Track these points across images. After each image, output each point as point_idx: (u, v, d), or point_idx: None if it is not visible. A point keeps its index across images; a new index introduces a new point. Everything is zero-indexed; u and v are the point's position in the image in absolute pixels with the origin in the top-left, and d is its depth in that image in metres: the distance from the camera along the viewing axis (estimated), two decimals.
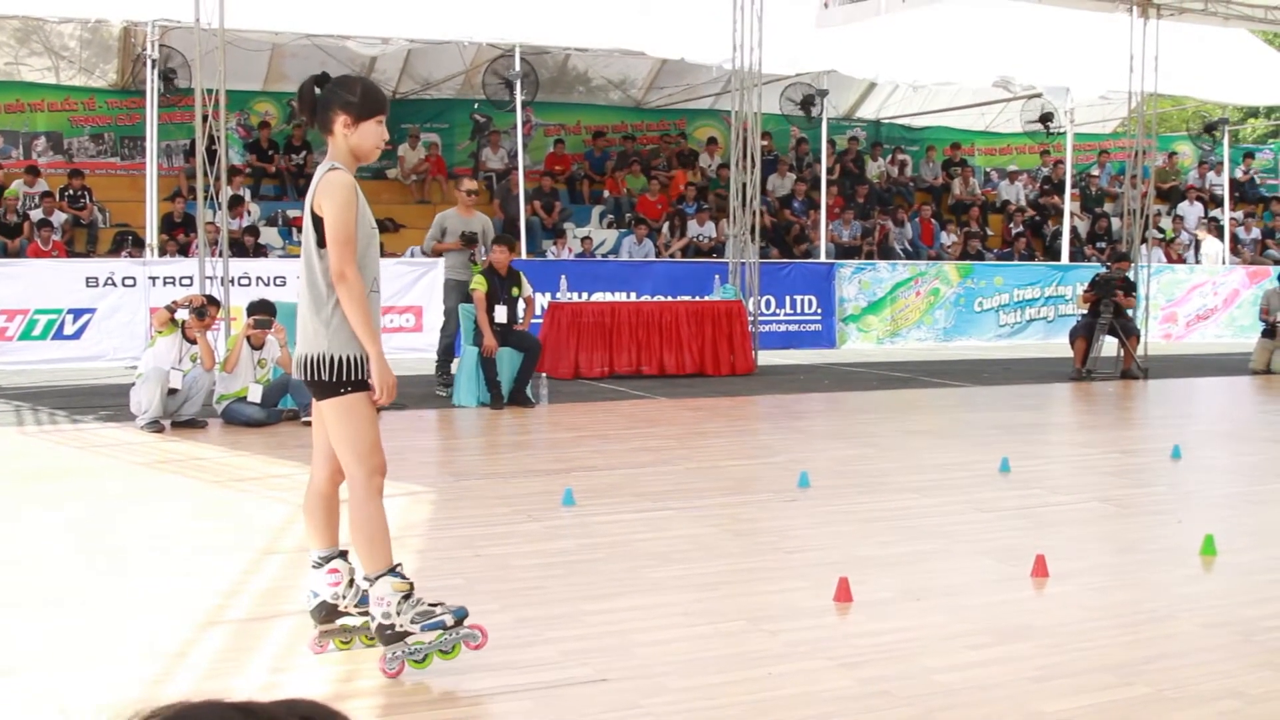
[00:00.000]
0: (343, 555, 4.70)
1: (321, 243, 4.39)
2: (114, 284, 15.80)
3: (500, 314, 12.18)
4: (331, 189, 4.39)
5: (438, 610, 4.45)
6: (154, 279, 15.86)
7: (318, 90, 4.54)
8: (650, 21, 18.46)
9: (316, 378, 4.43)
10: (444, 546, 6.37)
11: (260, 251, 17.95)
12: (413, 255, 18.44)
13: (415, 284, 16.91)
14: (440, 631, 4.43)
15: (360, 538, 4.46)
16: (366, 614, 4.65)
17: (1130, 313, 16.05)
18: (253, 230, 18.29)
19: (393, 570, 4.47)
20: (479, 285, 12.14)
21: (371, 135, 4.53)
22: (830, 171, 22.06)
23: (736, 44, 16.47)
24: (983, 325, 20.91)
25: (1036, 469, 8.85)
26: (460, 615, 4.47)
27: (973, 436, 10.64)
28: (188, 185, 18.43)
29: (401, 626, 4.42)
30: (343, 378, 4.41)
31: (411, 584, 4.49)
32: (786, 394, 13.62)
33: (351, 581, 4.67)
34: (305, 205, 4.51)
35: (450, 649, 4.43)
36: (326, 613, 4.62)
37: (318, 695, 4.15)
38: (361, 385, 4.44)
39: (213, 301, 11.08)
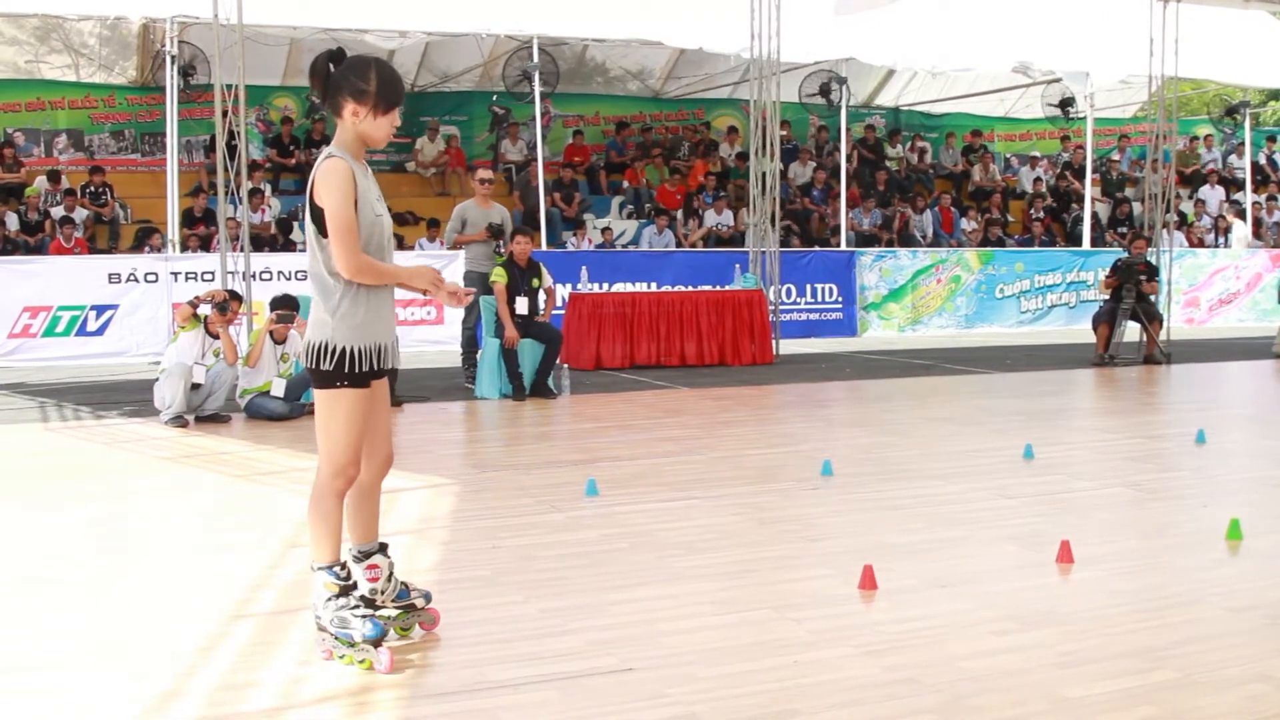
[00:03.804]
0: (382, 549, 4.70)
1: (324, 232, 4.33)
2: (136, 280, 15.90)
3: (521, 305, 12.20)
4: (326, 178, 4.31)
5: (353, 621, 4.41)
6: (176, 274, 15.95)
7: (332, 68, 4.40)
8: (668, 11, 18.43)
9: (318, 366, 4.42)
10: (467, 538, 6.38)
11: (289, 246, 18.01)
12: (421, 248, 18.47)
13: None
14: (349, 643, 4.42)
15: (311, 527, 4.51)
16: (403, 607, 4.67)
17: (1152, 298, 15.98)
18: (285, 225, 18.37)
19: (329, 568, 4.49)
20: (499, 277, 12.15)
21: (383, 125, 4.42)
22: (849, 159, 22.00)
23: (755, 32, 16.43)
24: (1004, 312, 20.85)
25: (1060, 455, 8.81)
26: (371, 637, 4.39)
27: (995, 423, 10.61)
28: (208, 181, 18.50)
29: (321, 623, 4.49)
30: (342, 370, 4.39)
31: (342, 586, 4.49)
32: (808, 383, 13.59)
33: (391, 575, 4.67)
34: (305, 195, 4.44)
35: (361, 661, 4.41)
36: (365, 607, 4.61)
37: (342, 688, 4.19)
38: (358, 381, 4.42)
39: (235, 296, 11.11)
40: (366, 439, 4.54)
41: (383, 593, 4.64)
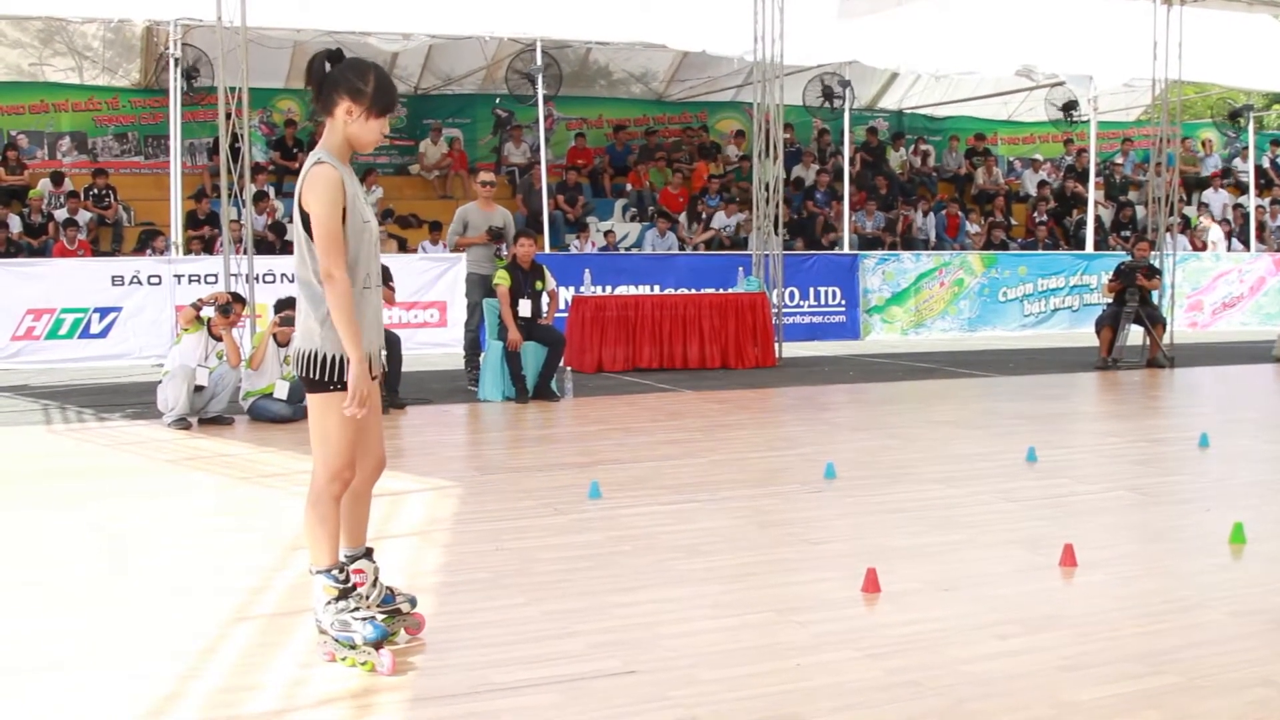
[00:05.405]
0: (368, 554, 4.69)
1: (312, 238, 4.33)
2: (139, 282, 15.91)
3: (524, 308, 12.19)
4: (315, 185, 4.30)
5: (354, 624, 4.42)
6: (179, 277, 15.96)
7: (328, 67, 4.43)
8: (671, 14, 18.44)
9: (309, 375, 4.42)
10: (470, 540, 6.38)
11: (287, 248, 18.01)
12: (424, 250, 18.48)
13: (438, 280, 16.93)
14: (350, 645, 4.42)
15: (310, 531, 4.50)
16: (388, 612, 4.65)
17: (1155, 297, 15.96)
18: (278, 229, 18.36)
19: (328, 571, 4.49)
20: (502, 280, 12.15)
21: (373, 129, 4.44)
22: (852, 163, 22.01)
23: (758, 35, 16.43)
24: (1007, 315, 20.84)
25: (1063, 458, 8.81)
26: (373, 639, 4.40)
27: (999, 426, 10.60)
28: (211, 183, 18.51)
29: (322, 626, 4.49)
30: (334, 376, 4.39)
31: (341, 589, 4.50)
32: (811, 386, 13.58)
33: (376, 580, 4.67)
34: (294, 200, 4.44)
35: (364, 663, 4.41)
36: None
37: (345, 690, 4.19)
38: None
39: (238, 298, 11.12)
40: (359, 443, 4.53)
41: (367, 598, 4.62)
